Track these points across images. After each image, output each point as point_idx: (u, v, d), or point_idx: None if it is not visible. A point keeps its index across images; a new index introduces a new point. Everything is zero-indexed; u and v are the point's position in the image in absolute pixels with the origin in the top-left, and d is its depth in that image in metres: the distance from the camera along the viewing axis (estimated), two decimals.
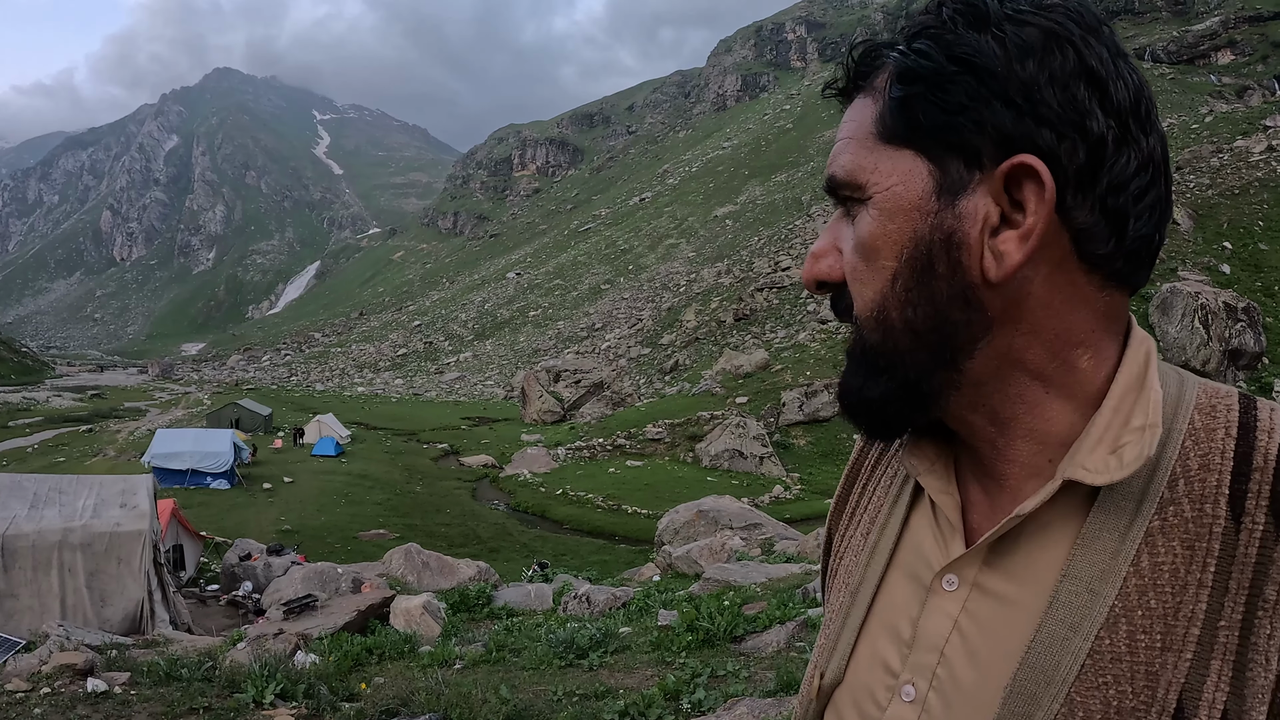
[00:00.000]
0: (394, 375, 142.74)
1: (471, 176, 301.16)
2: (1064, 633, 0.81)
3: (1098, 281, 0.84)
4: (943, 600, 0.90)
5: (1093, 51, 0.82)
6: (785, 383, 56.41)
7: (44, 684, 7.64)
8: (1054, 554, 0.83)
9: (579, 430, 60.18)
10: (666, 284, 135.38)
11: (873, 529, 1.01)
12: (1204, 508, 0.79)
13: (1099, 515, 0.82)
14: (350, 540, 33.07)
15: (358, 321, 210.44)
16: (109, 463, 48.80)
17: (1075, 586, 0.81)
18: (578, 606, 13.25)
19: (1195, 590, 0.78)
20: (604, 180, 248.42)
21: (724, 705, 6.39)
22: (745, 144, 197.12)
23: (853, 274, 0.90)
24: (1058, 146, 0.80)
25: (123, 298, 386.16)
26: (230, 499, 39.60)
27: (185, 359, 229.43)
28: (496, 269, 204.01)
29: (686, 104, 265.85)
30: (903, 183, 0.85)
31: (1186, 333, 51.24)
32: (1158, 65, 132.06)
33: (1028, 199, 0.81)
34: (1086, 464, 0.81)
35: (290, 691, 7.48)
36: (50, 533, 14.27)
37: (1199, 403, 0.86)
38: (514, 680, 8.11)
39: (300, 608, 13.68)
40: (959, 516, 0.91)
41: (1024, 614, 0.84)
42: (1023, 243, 0.81)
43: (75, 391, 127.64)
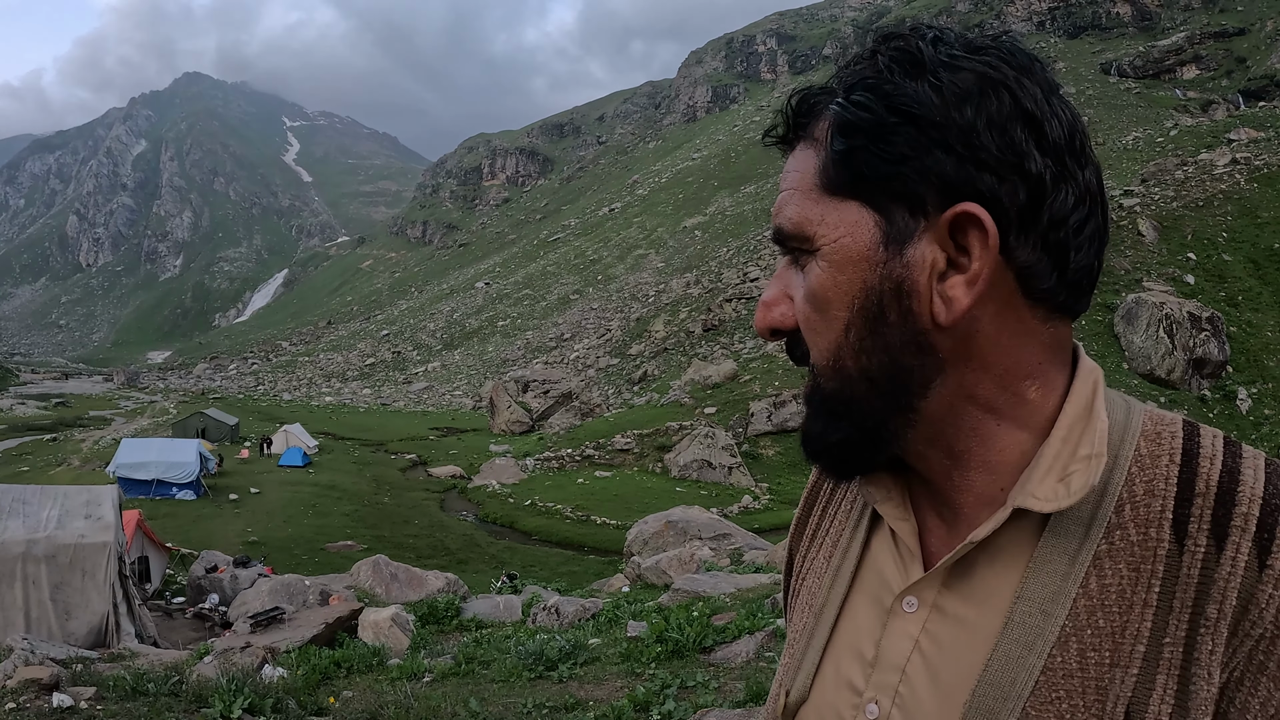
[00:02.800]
0: (362, 385, 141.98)
1: (441, 185, 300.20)
2: (1019, 651, 0.84)
3: (1042, 314, 0.86)
4: (903, 622, 0.93)
5: (1027, 92, 0.83)
6: (754, 393, 56.61)
7: (9, 699, 7.58)
8: (1008, 577, 0.87)
9: (547, 441, 60.10)
10: (635, 294, 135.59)
11: (835, 552, 1.04)
12: (1149, 531, 0.83)
13: (1050, 540, 0.85)
14: (318, 552, 32.87)
15: (326, 330, 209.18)
16: (73, 472, 48.23)
17: (1029, 608, 0.84)
18: (547, 618, 13.26)
19: (1141, 610, 0.82)
20: (574, 190, 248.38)
21: (694, 716, 6.44)
22: (715, 155, 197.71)
23: (806, 323, 0.91)
24: (999, 189, 0.82)
25: (88, 304, 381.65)
26: (196, 510, 39.25)
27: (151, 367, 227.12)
28: (465, 279, 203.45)
29: (657, 115, 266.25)
30: (850, 234, 0.86)
31: (1151, 342, 51.88)
32: (1124, 80, 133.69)
33: (972, 244, 0.83)
34: (1036, 492, 0.84)
35: (258, 706, 7.46)
36: (13, 544, 14.11)
37: (1145, 430, 0.88)
38: (483, 693, 8.12)
39: (267, 620, 13.60)
40: (917, 542, 0.94)
41: (980, 634, 0.87)
42: (970, 287, 0.83)
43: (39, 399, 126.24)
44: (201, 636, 16.49)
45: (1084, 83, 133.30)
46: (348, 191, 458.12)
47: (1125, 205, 66.38)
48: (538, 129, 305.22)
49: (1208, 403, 49.97)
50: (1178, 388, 49.85)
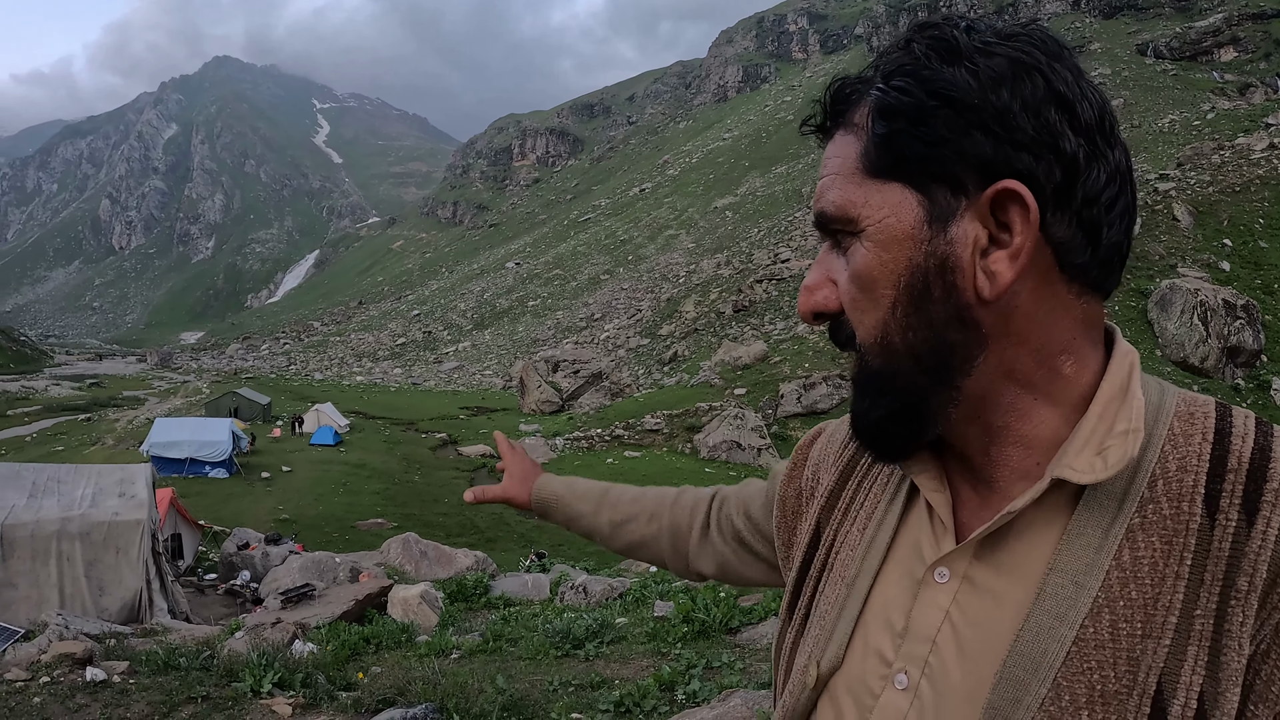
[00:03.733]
0: (393, 364, 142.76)
1: (471, 166, 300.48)
2: (1051, 623, 0.85)
3: (1076, 290, 0.90)
4: (934, 593, 0.95)
5: (1058, 76, 0.87)
6: (784, 375, 56.44)
7: (43, 673, 7.68)
8: (1040, 550, 0.89)
9: (577, 420, 60.20)
10: (666, 275, 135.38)
11: (869, 525, 1.06)
12: (1181, 506, 0.85)
13: (1084, 513, 0.87)
14: (348, 529, 33.10)
15: (356, 311, 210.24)
16: (107, 451, 48.78)
17: (1061, 579, 0.86)
18: (574, 596, 13.30)
19: (1173, 582, 0.83)
20: (604, 170, 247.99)
21: (719, 696, 6.43)
22: (746, 135, 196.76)
23: (852, 304, 0.94)
24: (1035, 168, 0.85)
25: (121, 286, 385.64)
26: (228, 488, 39.64)
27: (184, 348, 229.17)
28: (496, 259, 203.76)
29: (687, 95, 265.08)
30: (894, 214, 0.89)
31: (1185, 329, 51.22)
32: (1160, 61, 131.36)
33: (1013, 220, 0.86)
34: (1074, 465, 0.86)
35: (288, 681, 7.52)
36: (48, 522, 14.27)
37: (1178, 410, 0.91)
38: (510, 670, 8.15)
39: (298, 597, 13.72)
40: (950, 514, 0.96)
41: (1011, 606, 0.89)
42: (1013, 261, 0.86)
43: (74, 380, 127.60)
44: (233, 612, 16.65)
45: (1119, 64, 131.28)
46: (378, 173, 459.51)
47: (1161, 190, 65.40)
48: (568, 109, 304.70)
49: (1241, 392, 49.18)
50: (1211, 376, 49.07)
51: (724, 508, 1.50)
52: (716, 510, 1.51)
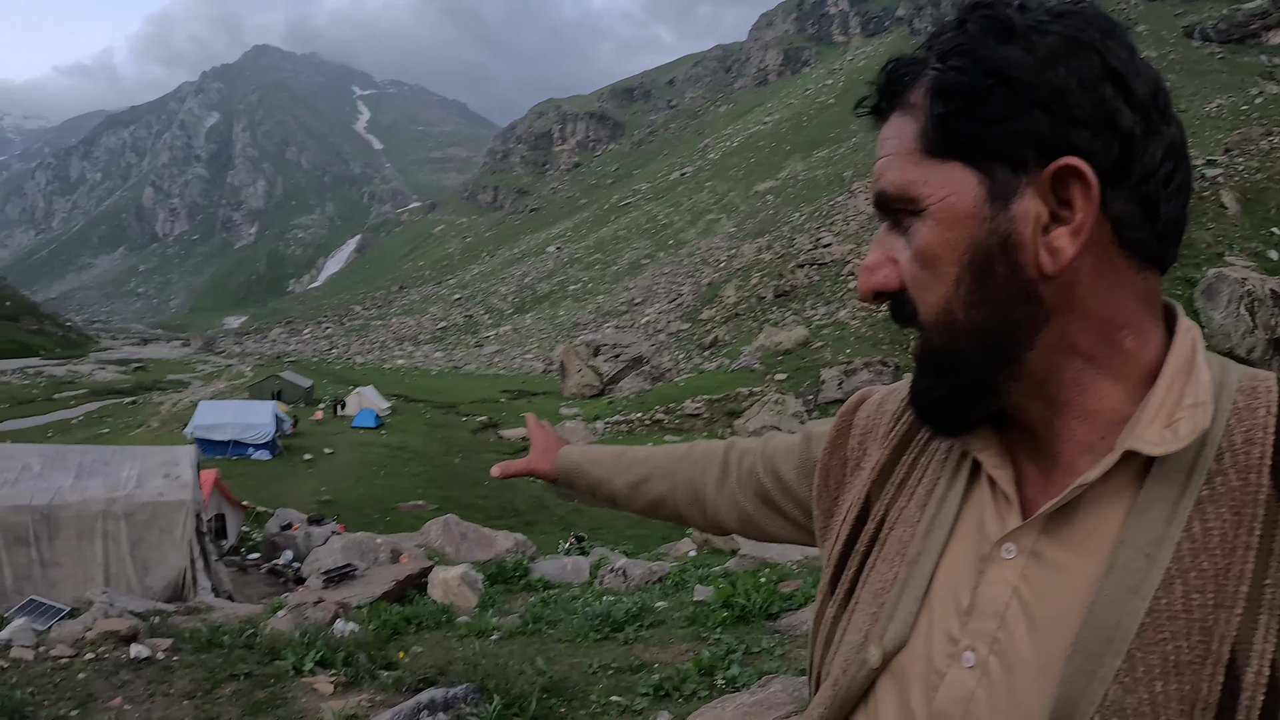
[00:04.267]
0: (434, 348, 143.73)
1: (511, 151, 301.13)
2: (1123, 595, 0.86)
3: (1135, 265, 0.90)
4: (1001, 569, 0.94)
5: (1113, 53, 0.88)
6: (825, 360, 56.15)
7: (88, 649, 7.76)
8: (1109, 523, 0.89)
9: (617, 404, 60.27)
10: (707, 259, 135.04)
11: (929, 501, 1.05)
12: (1249, 478, 0.86)
13: (1153, 485, 0.88)
14: (389, 511, 33.36)
15: (398, 295, 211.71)
16: (152, 434, 49.56)
17: (1132, 552, 0.86)
18: (614, 580, 13.27)
19: (1243, 552, 0.83)
20: (644, 155, 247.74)
21: (758, 682, 6.36)
22: (786, 119, 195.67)
23: (914, 282, 0.95)
24: (1094, 144, 0.86)
25: (165, 272, 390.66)
26: (271, 469, 40.08)
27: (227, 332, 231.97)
28: (536, 243, 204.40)
29: (727, 78, 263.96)
30: (955, 193, 0.90)
31: (1231, 319, 50.31)
32: (1207, 44, 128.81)
33: (1074, 196, 0.86)
34: (1145, 436, 0.87)
35: (329, 659, 7.54)
36: (94, 502, 14.44)
37: (1241, 385, 0.92)
38: (550, 652, 8.13)
39: (340, 577, 13.81)
40: (1014, 489, 0.96)
41: (1081, 579, 0.89)
42: (1075, 237, 0.87)
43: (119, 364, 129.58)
44: (275, 591, 16.77)
45: (1165, 46, 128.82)
46: (418, 158, 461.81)
47: (1208, 176, 64.19)
48: (607, 93, 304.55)
49: None
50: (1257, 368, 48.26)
51: (744, 461, 1.48)
52: (736, 465, 1.49)
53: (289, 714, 6.56)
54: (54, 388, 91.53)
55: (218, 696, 6.89)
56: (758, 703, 5.79)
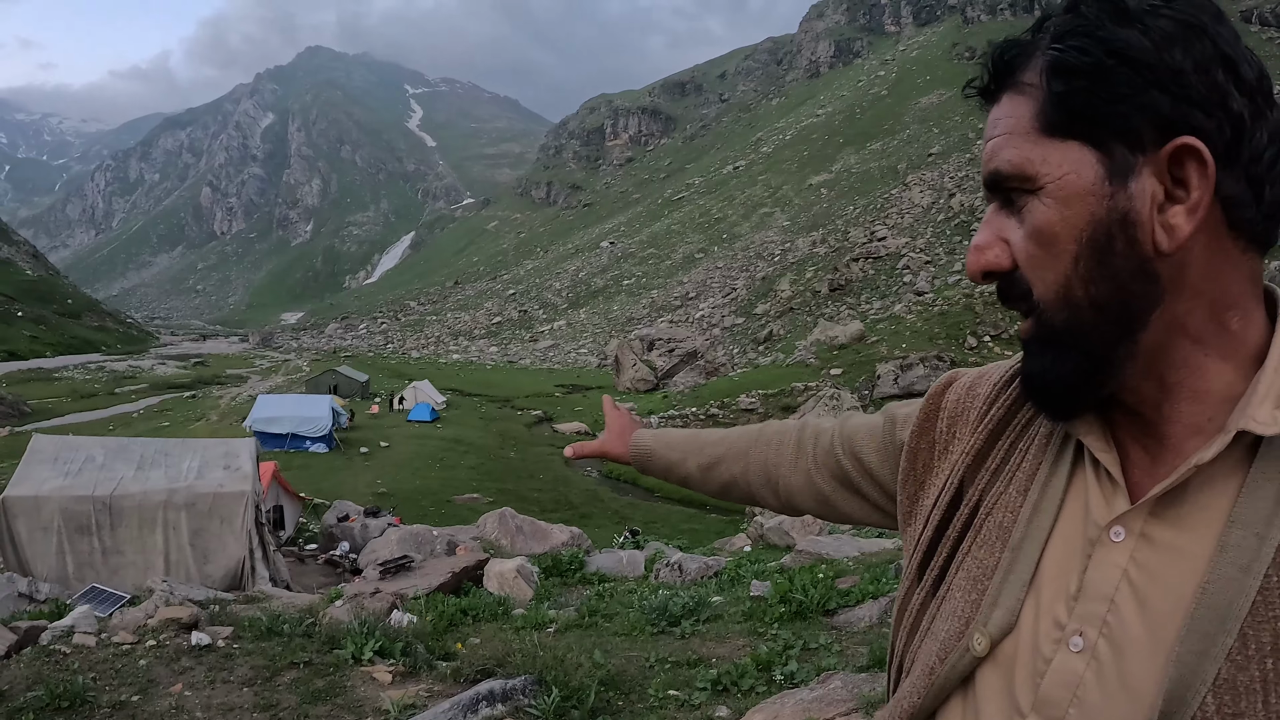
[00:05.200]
0: (489, 343, 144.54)
1: (564, 146, 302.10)
2: (1235, 574, 0.85)
3: (1242, 245, 0.91)
4: (1110, 552, 0.94)
5: (1222, 37, 0.89)
6: (880, 355, 55.72)
7: (150, 636, 7.82)
8: (1219, 504, 0.89)
9: (672, 399, 60.25)
10: (761, 253, 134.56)
11: (1031, 487, 1.04)
12: None
13: (1262, 465, 0.88)
14: (444, 504, 33.56)
15: (453, 290, 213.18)
16: (211, 427, 50.23)
17: (1243, 532, 0.86)
18: (669, 574, 13.20)
19: None
20: (697, 149, 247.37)
21: (817, 679, 6.25)
22: (839, 111, 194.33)
23: (1030, 261, 0.95)
24: (1208, 125, 0.87)
25: (223, 270, 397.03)
26: (328, 462, 40.51)
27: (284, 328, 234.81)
28: (590, 238, 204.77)
29: (779, 71, 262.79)
30: (1075, 171, 0.90)
31: None
32: (1265, 29, 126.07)
33: (1190, 175, 0.87)
34: (1256, 416, 0.87)
35: (388, 649, 7.54)
36: (155, 493, 14.68)
37: None
38: (606, 645, 8.08)
39: (396, 568, 13.86)
40: (1120, 473, 0.96)
41: (1192, 560, 0.89)
42: (1191, 215, 0.87)
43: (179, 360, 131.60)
44: (332, 582, 16.91)
45: None
46: (471, 155, 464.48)
47: None
48: (659, 88, 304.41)
49: None
50: None
51: (819, 441, 1.47)
52: (811, 445, 1.48)
53: (348, 702, 6.56)
54: (115, 382, 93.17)
55: (277, 684, 6.91)
56: (818, 699, 5.68)
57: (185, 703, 6.52)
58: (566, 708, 6.02)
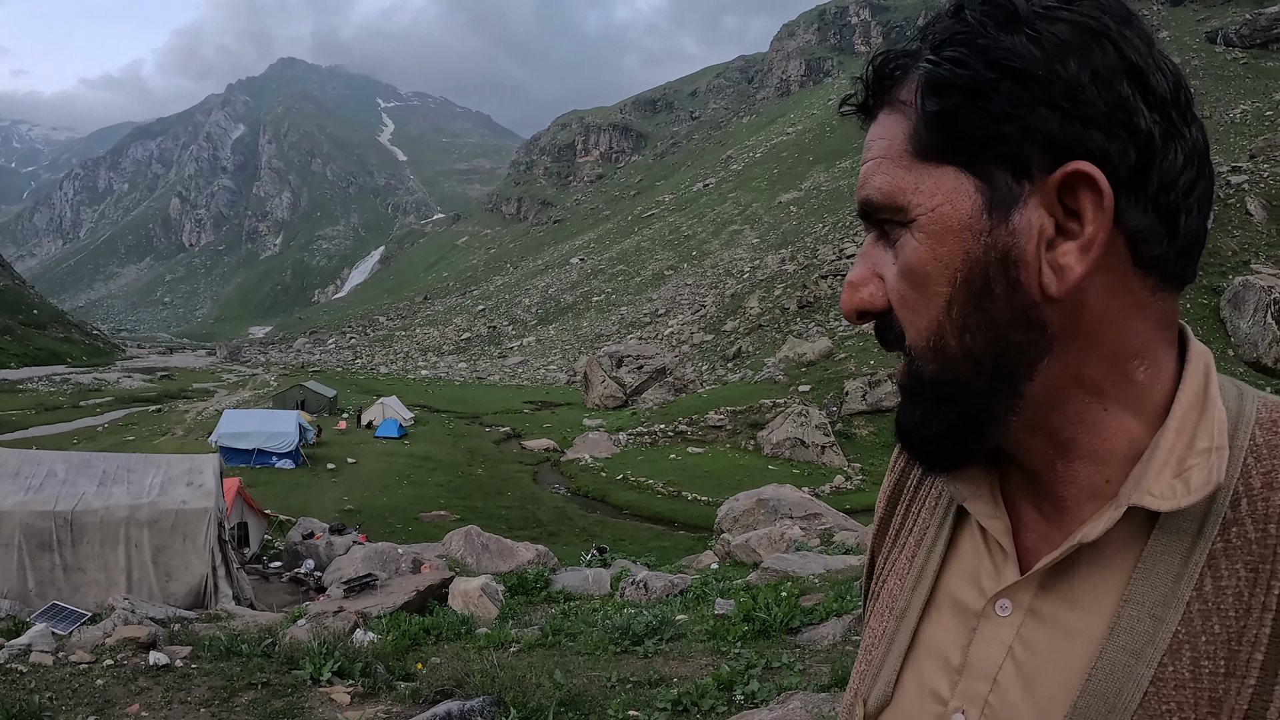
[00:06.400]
0: (457, 359, 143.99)
1: (535, 162, 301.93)
2: (1126, 659, 0.78)
3: (1151, 285, 0.80)
4: (996, 627, 0.86)
5: (1130, 44, 0.78)
6: (849, 372, 55.97)
7: (107, 656, 7.76)
8: (1114, 579, 0.80)
9: (641, 416, 60.23)
10: (730, 270, 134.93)
11: (918, 552, 0.97)
12: (1268, 529, 0.76)
13: (1160, 538, 0.79)
14: (411, 521, 33.42)
15: (422, 306, 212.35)
16: (177, 442, 49.79)
17: (1138, 612, 0.78)
18: (635, 592, 13.22)
19: (1259, 614, 0.75)
20: (667, 166, 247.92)
21: (777, 699, 6.30)
22: (809, 129, 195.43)
23: (901, 302, 0.84)
24: (1108, 148, 0.76)
25: (191, 282, 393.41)
26: (295, 478, 40.25)
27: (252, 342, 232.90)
28: (560, 254, 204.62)
29: (750, 89, 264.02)
30: (949, 202, 0.80)
31: (1258, 328, 49.87)
32: (1230, 49, 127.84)
33: (1084, 207, 0.77)
34: (1152, 489, 0.77)
35: (347, 669, 7.53)
36: (118, 509, 14.56)
37: (1259, 418, 0.81)
38: (569, 665, 8.09)
39: (360, 586, 13.82)
40: (1011, 541, 0.87)
41: (1082, 641, 0.81)
42: (1084, 254, 0.77)
43: (145, 373, 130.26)
44: (296, 600, 16.83)
45: (1189, 52, 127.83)
46: (443, 169, 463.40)
47: (1233, 183, 63.76)
48: (630, 105, 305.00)
49: None
50: None
51: None
52: None
53: None
54: (80, 395, 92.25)
55: (235, 705, 6.88)
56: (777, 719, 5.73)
57: None
58: None
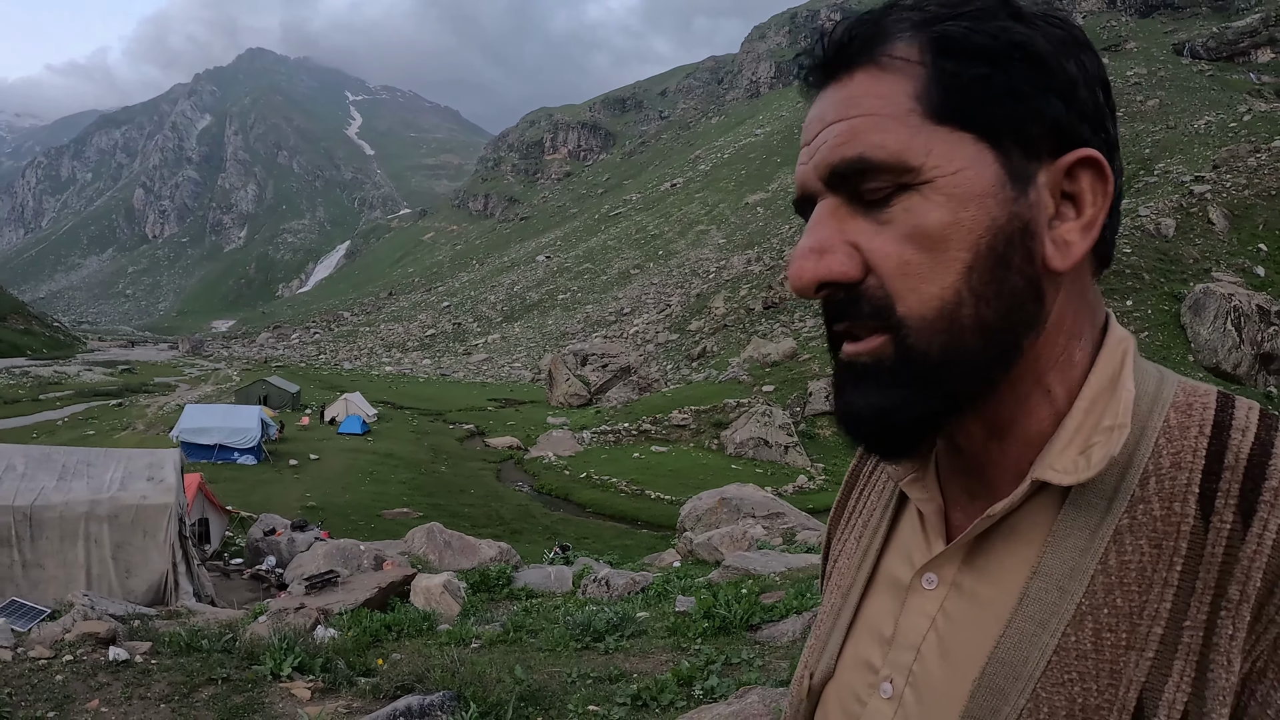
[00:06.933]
0: (422, 355, 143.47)
1: (503, 159, 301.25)
2: (1032, 629, 0.81)
3: (1093, 270, 0.86)
4: (922, 599, 0.90)
5: (1099, 62, 0.84)
6: (812, 372, 56.30)
7: (66, 651, 7.75)
8: (1027, 553, 0.83)
9: (605, 414, 60.29)
10: (696, 270, 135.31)
11: (865, 533, 1.03)
12: (1173, 506, 0.78)
13: (1070, 513, 0.82)
14: (374, 518, 33.30)
15: (387, 301, 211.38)
16: (138, 436, 49.27)
17: (1045, 584, 0.81)
18: (597, 590, 13.29)
19: (1161, 589, 0.77)
20: (635, 165, 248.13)
21: (736, 693, 6.40)
22: (778, 131, 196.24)
23: (902, 268, 0.80)
24: (1094, 142, 0.81)
25: (154, 274, 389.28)
26: (257, 474, 39.99)
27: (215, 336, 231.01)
28: (526, 252, 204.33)
29: (719, 90, 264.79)
30: (973, 167, 0.79)
31: (1218, 335, 50.64)
32: (1196, 61, 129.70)
33: (1084, 190, 0.81)
34: (1055, 465, 0.81)
35: (308, 665, 7.55)
36: (78, 504, 14.41)
37: (1176, 401, 0.84)
38: (529, 661, 8.15)
39: (322, 583, 13.77)
40: (941, 519, 0.92)
41: (995, 612, 0.84)
42: (1086, 233, 0.81)
43: (106, 366, 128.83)
44: (258, 597, 16.75)
45: (1155, 64, 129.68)
46: (410, 164, 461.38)
47: (1196, 192, 64.72)
48: (600, 103, 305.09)
49: (1274, 400, 48.39)
50: (1243, 383, 48.31)
51: None
52: None
53: (265, 719, 6.57)
54: (40, 388, 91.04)
55: (195, 700, 6.89)
56: (734, 714, 5.82)
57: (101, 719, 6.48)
58: None
